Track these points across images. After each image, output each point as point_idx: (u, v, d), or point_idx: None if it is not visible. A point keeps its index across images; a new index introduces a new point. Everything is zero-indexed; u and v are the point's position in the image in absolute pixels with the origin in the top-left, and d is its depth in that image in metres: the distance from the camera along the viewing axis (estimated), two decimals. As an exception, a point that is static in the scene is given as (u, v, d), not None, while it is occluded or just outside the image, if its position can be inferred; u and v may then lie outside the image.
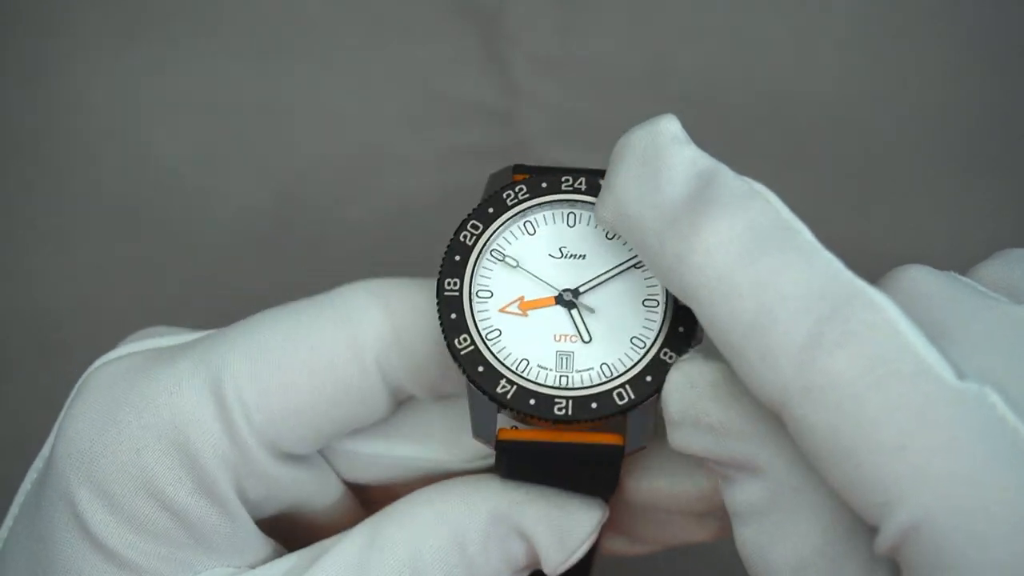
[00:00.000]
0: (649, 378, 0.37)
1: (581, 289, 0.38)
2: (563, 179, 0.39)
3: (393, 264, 0.60)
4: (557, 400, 0.36)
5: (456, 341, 0.37)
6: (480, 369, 0.37)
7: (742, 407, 0.35)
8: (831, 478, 0.33)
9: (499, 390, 0.36)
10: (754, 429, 0.35)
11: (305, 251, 0.60)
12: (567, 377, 0.37)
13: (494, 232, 0.39)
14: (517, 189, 0.39)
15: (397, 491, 0.40)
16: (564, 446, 0.37)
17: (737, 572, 0.40)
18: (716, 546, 0.44)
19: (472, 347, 0.37)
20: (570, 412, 0.36)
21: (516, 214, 0.39)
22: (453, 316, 0.37)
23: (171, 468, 0.37)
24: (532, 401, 0.36)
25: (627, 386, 0.37)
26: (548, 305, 0.38)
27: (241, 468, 0.37)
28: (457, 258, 0.38)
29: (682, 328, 0.37)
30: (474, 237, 0.38)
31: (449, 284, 0.38)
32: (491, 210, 0.39)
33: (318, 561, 0.38)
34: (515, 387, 0.37)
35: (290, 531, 0.41)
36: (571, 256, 0.39)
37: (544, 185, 0.39)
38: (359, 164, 0.60)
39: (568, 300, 0.38)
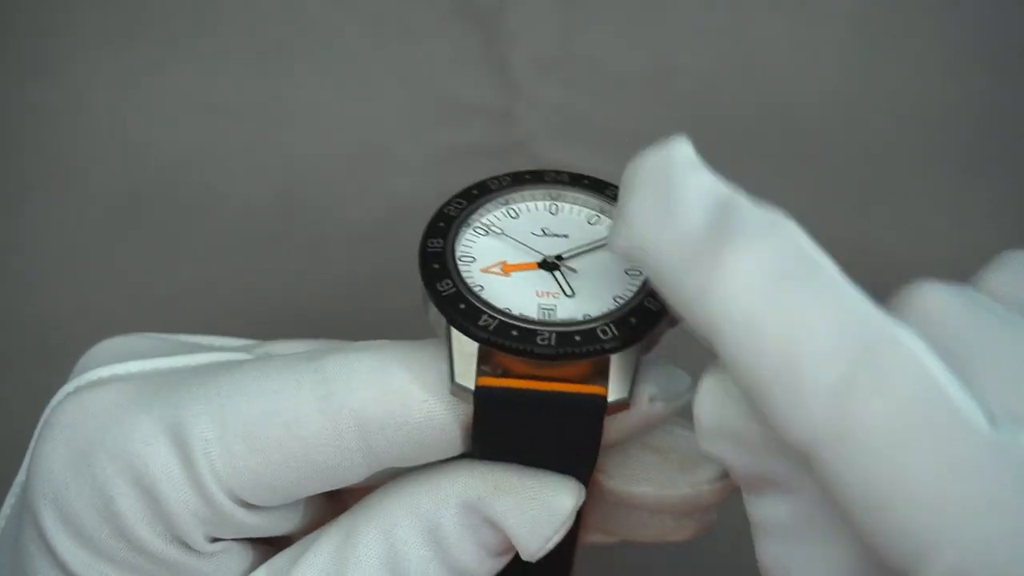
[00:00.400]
0: (633, 320, 0.36)
1: (564, 255, 0.39)
2: (546, 172, 0.40)
3: (393, 263, 0.60)
4: (540, 332, 0.36)
5: (438, 285, 0.37)
6: (461, 306, 0.36)
7: None
8: (859, 524, 0.31)
9: (480, 323, 0.36)
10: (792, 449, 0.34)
11: (305, 251, 0.60)
12: (550, 316, 0.37)
13: (478, 210, 0.39)
14: (501, 178, 0.40)
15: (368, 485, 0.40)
16: (545, 394, 0.36)
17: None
18: (707, 543, 0.44)
19: (454, 290, 0.37)
20: (553, 343, 0.36)
21: (500, 199, 0.40)
22: (436, 266, 0.37)
23: (144, 515, 0.36)
24: (514, 332, 0.36)
25: (611, 324, 0.36)
26: (531, 268, 0.38)
27: (212, 520, 0.37)
28: (441, 224, 0.39)
29: None
30: (458, 210, 0.39)
31: (432, 243, 0.38)
32: (475, 191, 0.39)
33: (294, 567, 0.38)
34: (497, 321, 0.36)
35: None
36: (553, 235, 0.39)
37: (527, 176, 0.40)
38: (359, 164, 0.60)
39: (551, 263, 0.38)
